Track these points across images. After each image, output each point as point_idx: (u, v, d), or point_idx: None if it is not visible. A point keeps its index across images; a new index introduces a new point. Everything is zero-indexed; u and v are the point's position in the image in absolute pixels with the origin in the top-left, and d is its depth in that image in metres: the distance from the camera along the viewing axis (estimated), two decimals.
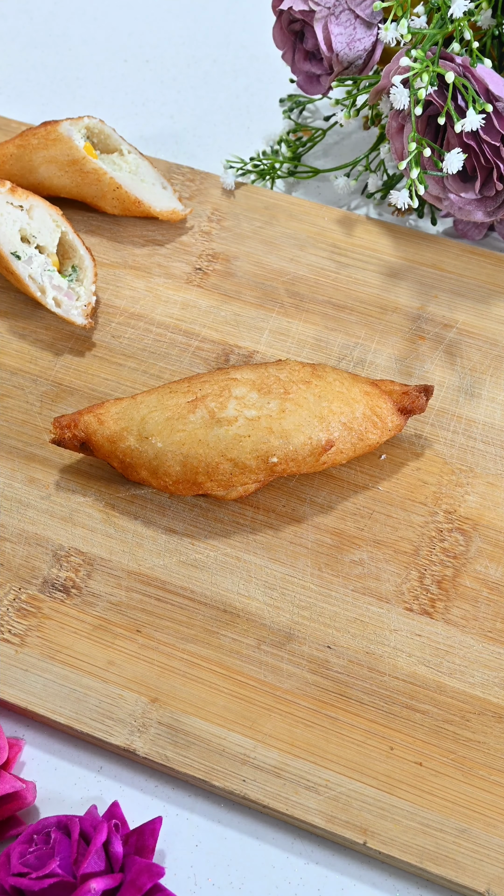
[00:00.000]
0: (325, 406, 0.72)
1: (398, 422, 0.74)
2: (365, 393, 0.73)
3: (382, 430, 0.73)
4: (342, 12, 0.85)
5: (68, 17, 1.08)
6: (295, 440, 0.71)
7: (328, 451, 0.71)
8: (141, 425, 0.73)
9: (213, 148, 0.98)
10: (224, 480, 0.71)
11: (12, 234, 0.80)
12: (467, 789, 0.65)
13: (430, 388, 0.75)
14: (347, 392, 0.73)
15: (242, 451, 0.71)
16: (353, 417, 0.72)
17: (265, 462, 0.71)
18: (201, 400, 0.72)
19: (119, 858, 0.62)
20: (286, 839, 0.65)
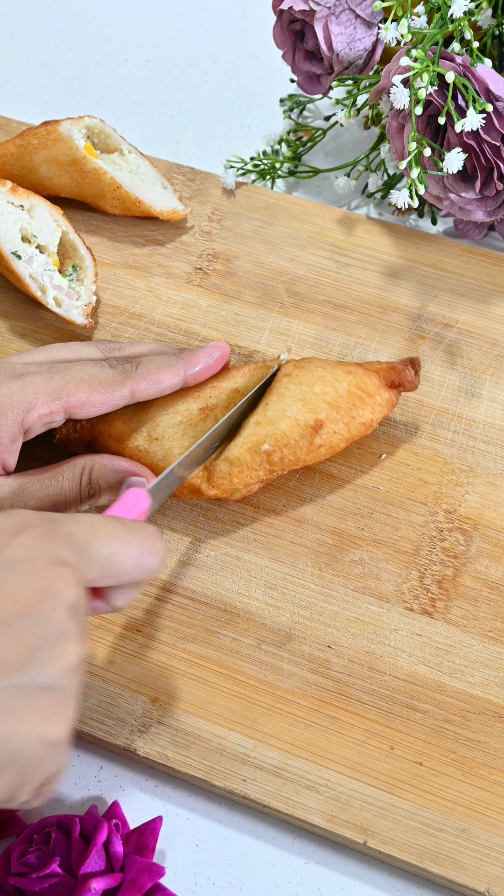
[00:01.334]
0: (307, 389, 0.72)
1: (388, 396, 0.73)
2: (348, 372, 0.73)
3: (373, 406, 0.73)
4: (342, 12, 0.85)
5: (68, 17, 1.09)
6: (281, 424, 0.71)
7: (318, 431, 0.71)
8: (151, 426, 0.72)
9: (214, 148, 0.98)
10: (225, 483, 0.71)
11: (13, 234, 0.80)
12: (467, 789, 0.65)
13: (416, 360, 0.75)
14: (330, 374, 0.73)
15: (234, 448, 0.71)
16: (337, 396, 0.72)
17: (259, 453, 0.70)
18: (211, 409, 0.73)
19: (119, 858, 0.62)
20: (286, 839, 0.65)
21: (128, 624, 0.70)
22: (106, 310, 0.84)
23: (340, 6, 0.85)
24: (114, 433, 0.73)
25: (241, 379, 0.74)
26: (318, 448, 0.72)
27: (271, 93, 1.01)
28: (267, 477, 0.72)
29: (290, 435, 0.71)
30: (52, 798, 0.67)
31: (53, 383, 0.68)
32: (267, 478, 0.72)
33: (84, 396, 0.69)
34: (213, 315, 0.83)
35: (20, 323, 0.84)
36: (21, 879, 0.60)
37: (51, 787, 0.53)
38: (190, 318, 0.83)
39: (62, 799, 0.67)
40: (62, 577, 0.52)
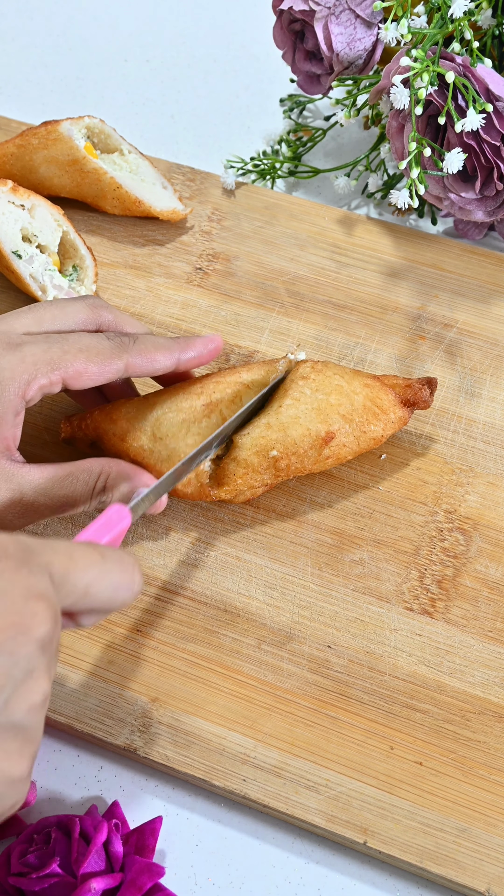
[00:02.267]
0: (322, 398, 0.71)
1: (402, 414, 0.73)
2: (365, 385, 0.73)
3: (385, 422, 0.73)
4: (342, 12, 0.85)
5: (68, 17, 1.09)
6: (293, 432, 0.70)
7: (329, 443, 0.71)
8: (155, 425, 0.72)
9: (214, 148, 0.98)
10: (230, 483, 0.71)
11: (14, 234, 0.80)
12: (467, 789, 0.65)
13: (433, 381, 0.74)
14: (347, 385, 0.72)
15: (243, 449, 0.70)
16: (352, 409, 0.72)
17: (266, 457, 0.70)
18: (215, 405, 0.72)
19: (119, 858, 0.62)
20: (286, 839, 0.65)
21: (128, 624, 0.70)
22: None
23: (340, 6, 0.85)
24: (118, 432, 0.73)
25: (247, 374, 0.74)
26: (325, 459, 0.71)
27: (271, 93, 1.01)
28: (272, 481, 0.72)
29: (299, 444, 0.71)
30: (52, 798, 0.67)
31: (52, 353, 0.67)
32: (272, 482, 0.72)
33: (81, 366, 0.68)
34: (213, 315, 0.83)
35: None
36: (21, 879, 0.60)
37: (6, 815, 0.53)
38: (190, 318, 0.83)
39: (62, 799, 0.67)
40: (36, 613, 0.51)
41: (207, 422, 0.72)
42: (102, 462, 0.70)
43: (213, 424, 0.72)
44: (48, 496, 0.67)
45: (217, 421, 0.72)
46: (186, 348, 0.72)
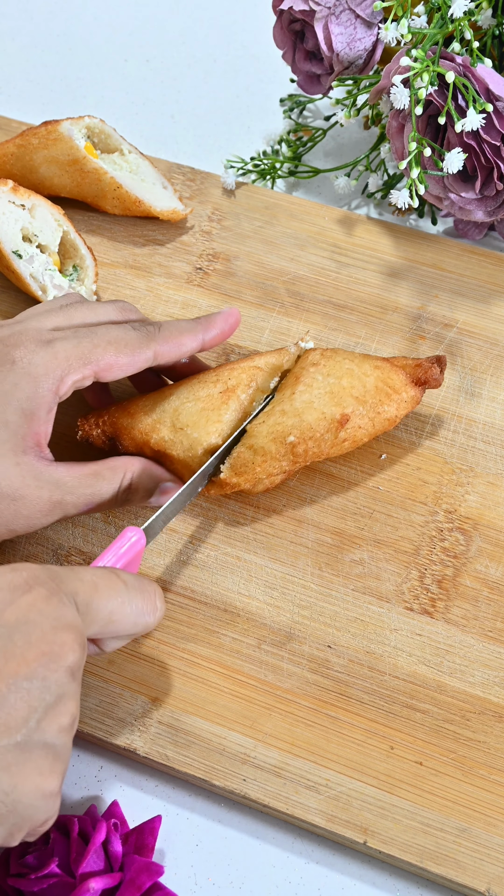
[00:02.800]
0: (335, 382, 0.72)
1: (413, 393, 0.74)
2: (375, 367, 0.73)
3: (398, 402, 0.73)
4: (342, 12, 0.85)
5: (68, 17, 1.09)
6: (308, 417, 0.71)
7: (344, 425, 0.71)
8: (174, 416, 0.72)
9: (214, 148, 0.98)
10: (248, 471, 0.71)
11: (14, 233, 0.80)
12: (467, 789, 0.65)
13: (442, 359, 0.75)
14: (357, 368, 0.73)
15: (259, 437, 0.71)
16: (364, 391, 0.72)
17: (284, 443, 0.70)
18: (232, 390, 0.73)
19: (118, 857, 0.62)
20: (286, 838, 0.65)
21: None
22: None
23: (340, 6, 0.85)
24: (138, 425, 0.73)
25: (260, 359, 0.74)
26: (342, 442, 0.72)
27: (271, 93, 1.01)
28: (290, 468, 0.71)
29: (315, 428, 0.71)
30: None
31: (82, 348, 0.68)
32: (290, 469, 0.71)
33: (112, 359, 0.69)
34: None
35: None
36: (20, 880, 0.60)
37: (43, 829, 0.56)
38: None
39: (62, 799, 0.67)
40: (65, 643, 0.55)
41: (226, 408, 0.72)
42: (126, 460, 0.71)
43: (231, 411, 0.72)
44: (75, 494, 0.68)
45: (235, 407, 0.72)
46: (209, 327, 0.74)
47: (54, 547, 0.73)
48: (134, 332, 0.70)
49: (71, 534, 0.74)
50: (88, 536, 0.74)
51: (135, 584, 0.60)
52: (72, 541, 0.74)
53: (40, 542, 0.74)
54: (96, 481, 0.69)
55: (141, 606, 0.60)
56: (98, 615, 0.58)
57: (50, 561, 0.73)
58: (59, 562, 0.73)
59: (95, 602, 0.57)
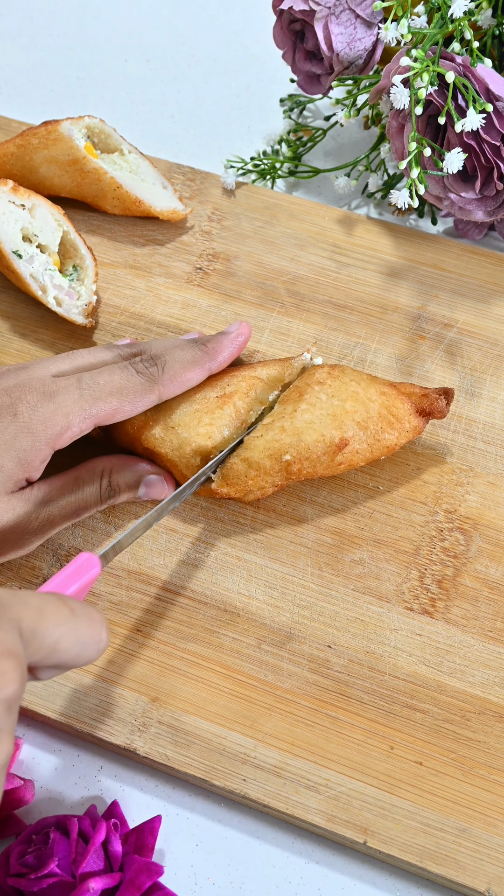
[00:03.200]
0: (338, 405, 0.71)
1: (416, 423, 0.73)
2: (381, 393, 0.73)
3: (400, 430, 0.72)
4: (342, 12, 0.85)
5: (68, 17, 1.09)
6: (307, 437, 0.70)
7: (342, 450, 0.71)
8: (168, 415, 0.73)
9: (214, 148, 0.98)
10: (240, 483, 0.71)
11: (14, 233, 0.80)
12: (467, 789, 0.65)
13: (450, 392, 0.74)
14: (363, 392, 0.72)
15: (255, 450, 0.70)
16: (367, 416, 0.72)
17: (279, 461, 0.70)
18: (229, 397, 0.72)
19: (118, 857, 0.62)
20: (286, 838, 0.65)
21: (128, 624, 0.70)
22: (106, 309, 0.84)
23: (340, 6, 0.85)
24: (131, 421, 0.73)
25: (262, 369, 0.74)
26: (337, 465, 0.71)
27: (271, 93, 1.01)
28: (282, 483, 0.72)
29: (313, 449, 0.70)
30: (51, 798, 0.67)
31: (84, 402, 0.69)
32: (282, 484, 0.72)
33: (113, 409, 0.70)
34: (213, 315, 0.83)
35: (20, 322, 0.84)
36: (20, 880, 0.60)
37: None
38: (190, 318, 0.83)
39: (62, 799, 0.67)
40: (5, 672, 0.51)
41: (220, 413, 0.72)
42: (103, 459, 0.72)
43: (225, 416, 0.72)
44: (61, 505, 0.70)
45: (230, 413, 0.72)
46: (216, 353, 0.74)
47: (54, 547, 0.73)
48: (137, 378, 0.71)
49: (71, 534, 0.74)
50: (88, 536, 0.74)
51: (82, 612, 0.56)
52: (72, 541, 0.74)
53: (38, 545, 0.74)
54: (78, 486, 0.70)
55: (87, 636, 0.55)
56: (43, 643, 0.54)
57: (50, 561, 0.73)
58: (60, 562, 0.73)
59: (41, 629, 0.53)
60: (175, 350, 0.73)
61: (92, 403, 0.69)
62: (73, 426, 0.68)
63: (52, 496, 0.69)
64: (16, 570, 0.73)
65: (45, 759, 0.68)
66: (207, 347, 0.74)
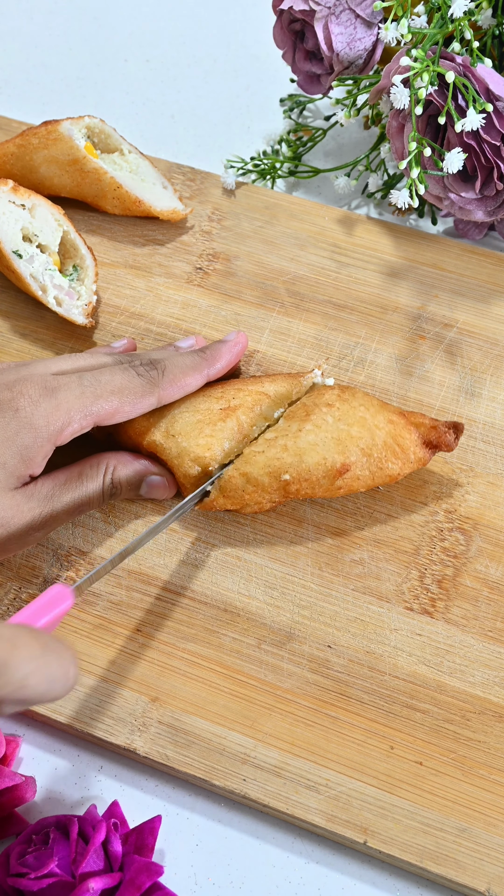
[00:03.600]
0: (344, 429, 0.71)
1: (421, 455, 0.72)
2: (389, 421, 0.72)
3: (404, 461, 0.71)
4: (342, 12, 0.85)
5: (68, 17, 1.09)
6: (308, 459, 0.70)
7: (343, 475, 0.70)
8: (170, 422, 0.72)
9: (214, 147, 0.98)
10: (237, 497, 0.70)
11: (14, 233, 0.80)
12: (467, 788, 0.65)
13: (459, 426, 0.73)
14: (371, 418, 0.71)
15: (255, 466, 0.70)
16: (372, 444, 0.71)
17: (278, 479, 0.70)
18: (233, 410, 0.72)
19: (118, 857, 0.62)
20: (286, 838, 0.65)
21: (128, 624, 0.70)
22: (106, 309, 0.84)
23: (340, 6, 0.85)
24: (134, 426, 0.73)
25: (270, 385, 0.74)
26: (337, 489, 0.71)
27: (271, 93, 1.01)
28: (280, 500, 0.71)
29: (313, 471, 0.70)
30: (52, 798, 0.67)
31: (85, 399, 0.69)
32: (280, 501, 0.71)
33: (114, 409, 0.70)
34: (213, 315, 0.83)
35: (21, 322, 0.84)
36: (20, 880, 0.60)
37: None
38: (190, 318, 0.83)
39: (62, 799, 0.67)
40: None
41: (223, 425, 0.72)
42: (107, 455, 0.72)
43: (227, 429, 0.71)
44: (64, 501, 0.69)
45: (233, 427, 0.72)
46: (214, 360, 0.75)
47: (54, 547, 0.73)
48: (138, 380, 0.71)
49: (71, 534, 0.74)
50: (88, 536, 0.74)
51: (53, 648, 0.54)
52: (72, 541, 0.74)
53: (41, 541, 0.74)
54: (81, 482, 0.70)
55: (56, 673, 0.54)
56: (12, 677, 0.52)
57: (50, 560, 0.73)
58: (60, 562, 0.73)
59: (12, 664, 0.52)
60: (174, 357, 0.74)
61: (93, 401, 0.69)
62: (73, 422, 0.68)
63: (55, 492, 0.69)
64: (16, 570, 0.73)
65: (45, 758, 0.68)
66: (206, 354, 0.75)
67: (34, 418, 0.67)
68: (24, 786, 0.65)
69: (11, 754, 0.67)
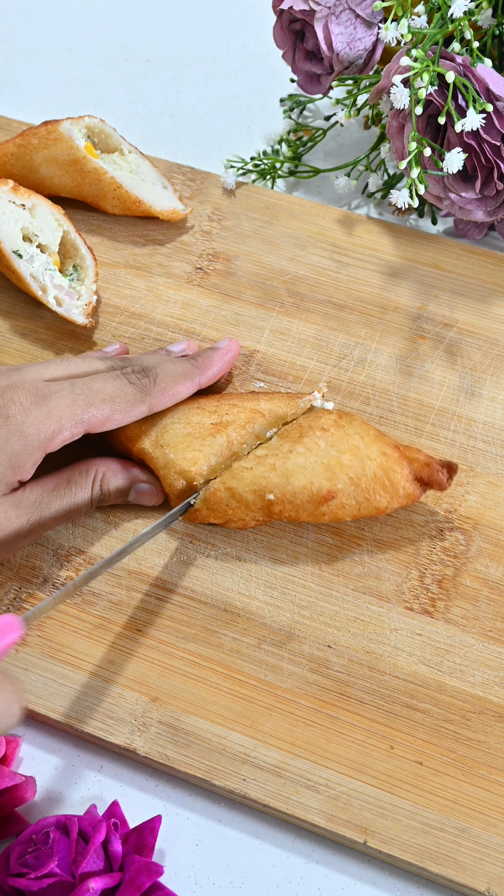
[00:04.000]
0: (335, 456, 0.70)
1: (412, 491, 0.71)
2: (382, 453, 0.70)
3: (392, 495, 0.70)
4: (342, 12, 0.85)
5: (68, 17, 1.09)
6: (295, 482, 0.69)
7: (328, 501, 0.69)
8: (160, 432, 0.72)
9: (214, 147, 0.98)
10: (220, 511, 0.70)
11: (14, 233, 0.80)
12: (467, 788, 0.65)
13: (454, 467, 0.71)
14: (364, 448, 0.70)
15: (241, 482, 0.70)
16: (362, 474, 0.70)
17: (262, 498, 0.69)
18: (225, 426, 0.72)
19: (118, 857, 0.62)
20: (286, 838, 0.65)
21: (128, 624, 0.70)
22: (106, 309, 0.84)
23: (340, 6, 0.85)
24: (126, 432, 0.73)
25: (266, 403, 0.73)
26: (321, 515, 0.70)
27: (271, 93, 1.01)
28: (264, 520, 0.71)
29: (298, 495, 0.69)
30: (52, 798, 0.67)
31: (77, 407, 0.69)
32: (264, 520, 0.71)
33: (105, 417, 0.70)
34: (213, 315, 0.83)
35: (21, 322, 0.84)
36: (20, 880, 0.60)
37: None
38: (190, 318, 0.83)
39: (62, 799, 0.67)
40: None
41: (212, 441, 0.71)
42: (96, 461, 0.72)
43: (216, 445, 0.71)
44: (53, 508, 0.70)
45: (223, 443, 0.71)
46: (206, 368, 0.75)
47: (54, 547, 0.73)
48: (130, 388, 0.71)
49: (71, 534, 0.74)
50: (88, 536, 0.74)
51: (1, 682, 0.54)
52: (72, 541, 0.74)
53: (41, 541, 0.74)
54: (70, 489, 0.70)
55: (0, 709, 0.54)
56: None
57: (50, 560, 0.73)
58: (60, 562, 0.73)
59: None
60: (166, 363, 0.74)
61: (84, 409, 0.69)
62: (64, 430, 0.68)
63: (44, 499, 0.69)
64: (16, 570, 0.73)
65: (45, 759, 0.68)
66: (198, 362, 0.75)
67: (25, 426, 0.67)
68: (24, 786, 0.65)
69: (11, 754, 0.67)
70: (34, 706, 0.68)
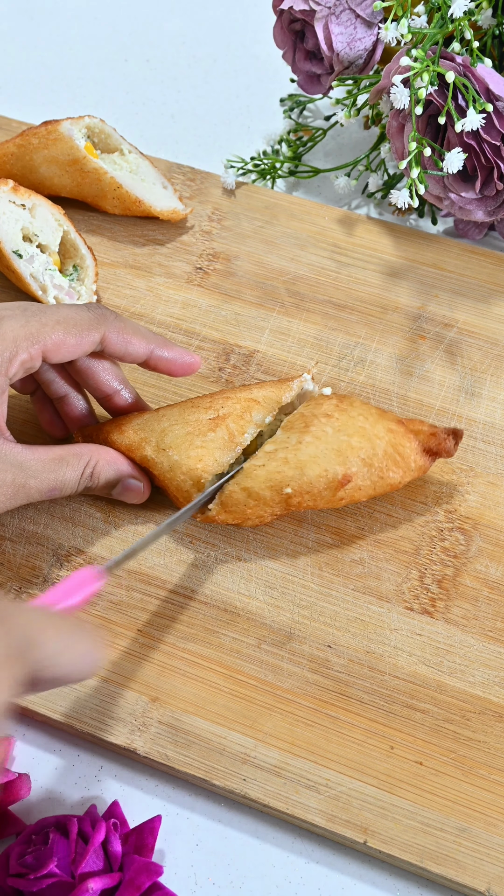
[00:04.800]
0: (345, 440, 0.70)
1: (422, 462, 0.72)
2: (389, 430, 0.71)
3: (405, 469, 0.71)
4: (343, 12, 0.85)
5: (68, 17, 1.09)
6: (310, 472, 0.69)
7: (345, 486, 0.70)
8: (160, 436, 0.72)
9: (214, 147, 0.98)
10: (238, 511, 0.70)
11: (14, 233, 0.80)
12: (468, 788, 0.65)
13: (459, 432, 0.72)
14: (370, 428, 0.71)
15: (256, 480, 0.70)
16: (373, 454, 0.70)
17: (279, 493, 0.69)
18: (222, 419, 0.72)
19: (118, 857, 0.62)
20: (286, 838, 0.65)
21: (128, 624, 0.70)
22: None
23: (340, 6, 0.85)
24: (126, 442, 0.72)
25: (258, 391, 0.73)
26: (339, 500, 0.70)
27: (271, 93, 1.01)
28: (281, 513, 0.71)
29: (315, 484, 0.69)
30: (51, 797, 0.67)
31: (30, 327, 0.68)
32: (281, 513, 0.71)
33: (60, 338, 0.69)
34: (213, 315, 0.83)
35: None
36: (19, 880, 0.60)
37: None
38: (190, 318, 0.83)
39: (62, 799, 0.67)
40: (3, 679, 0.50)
41: (213, 435, 0.71)
42: (92, 448, 0.71)
43: (218, 439, 0.71)
44: (38, 479, 0.68)
45: (223, 436, 0.71)
46: (164, 346, 0.73)
47: (54, 547, 0.73)
48: (86, 313, 0.70)
49: (71, 533, 0.74)
50: (88, 536, 0.74)
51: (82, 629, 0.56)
52: (72, 540, 0.74)
53: (40, 541, 0.74)
54: (60, 466, 0.69)
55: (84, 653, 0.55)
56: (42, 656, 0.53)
57: (50, 560, 0.73)
58: (60, 562, 0.73)
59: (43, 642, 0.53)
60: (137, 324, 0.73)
61: (38, 329, 0.68)
62: (20, 351, 0.67)
63: (32, 465, 0.68)
64: (16, 569, 0.73)
65: (45, 759, 0.68)
66: (160, 337, 0.73)
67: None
68: (19, 782, 0.65)
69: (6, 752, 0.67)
70: (34, 706, 0.68)
